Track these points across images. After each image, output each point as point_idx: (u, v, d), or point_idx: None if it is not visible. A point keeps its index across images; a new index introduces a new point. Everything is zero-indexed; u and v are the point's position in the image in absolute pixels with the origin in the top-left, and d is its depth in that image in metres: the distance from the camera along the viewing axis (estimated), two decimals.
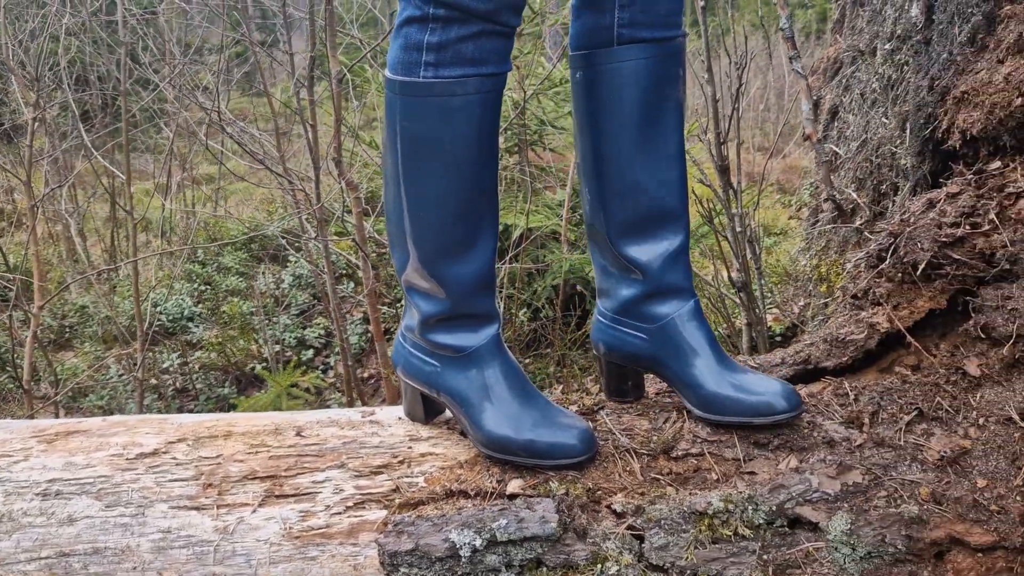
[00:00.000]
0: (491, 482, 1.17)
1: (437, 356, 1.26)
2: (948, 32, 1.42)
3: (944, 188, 1.30)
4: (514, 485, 1.17)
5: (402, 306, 3.91)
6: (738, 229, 1.80)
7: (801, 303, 2.68)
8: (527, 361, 3.85)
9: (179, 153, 5.21)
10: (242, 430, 1.31)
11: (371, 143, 4.10)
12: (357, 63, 2.76)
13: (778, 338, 2.81)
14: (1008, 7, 1.29)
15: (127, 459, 1.25)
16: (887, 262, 1.23)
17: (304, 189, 2.85)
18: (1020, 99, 1.22)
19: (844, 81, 2.61)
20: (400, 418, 1.33)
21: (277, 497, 1.20)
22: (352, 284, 3.85)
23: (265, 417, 1.35)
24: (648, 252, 1.22)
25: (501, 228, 3.72)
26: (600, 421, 1.28)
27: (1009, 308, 1.19)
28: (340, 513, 1.18)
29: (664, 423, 1.27)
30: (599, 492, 1.16)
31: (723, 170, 1.80)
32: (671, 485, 1.17)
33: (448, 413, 1.31)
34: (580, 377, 3.85)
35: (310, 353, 3.55)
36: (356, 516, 1.17)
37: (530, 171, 4.17)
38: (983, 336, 1.23)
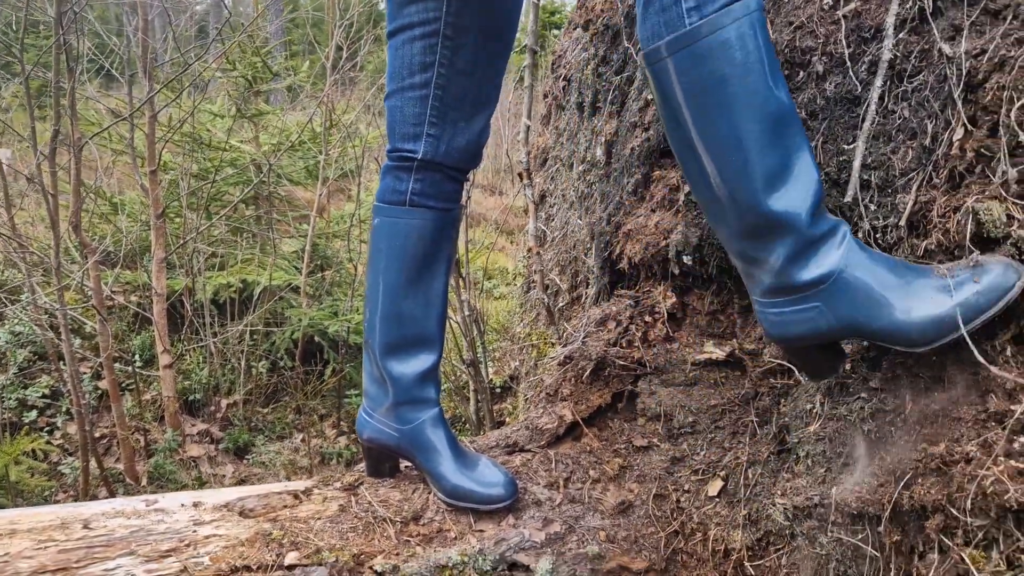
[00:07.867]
0: (271, 556, 1.40)
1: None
2: (620, 180, 1.89)
3: (613, 304, 1.76)
4: (291, 557, 1.41)
5: (139, 366, 3.83)
6: (467, 313, 2.17)
7: (516, 361, 3.14)
8: (266, 412, 3.97)
9: None
10: (27, 527, 1.41)
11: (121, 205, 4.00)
12: (103, 131, 2.78)
13: (498, 390, 3.24)
14: (658, 171, 1.78)
15: None
16: (568, 367, 1.65)
17: (34, 250, 2.78)
18: (664, 241, 1.69)
19: (551, 173, 3.10)
20: (183, 505, 1.51)
21: None
22: (79, 339, 3.73)
23: (49, 512, 1.46)
24: (405, 368, 1.52)
25: (241, 284, 3.83)
26: (361, 495, 1.56)
27: (656, 396, 1.66)
28: None
29: (413, 493, 1.57)
30: (363, 556, 1.44)
31: (455, 264, 2.15)
32: (420, 545, 1.47)
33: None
34: (319, 424, 4.06)
35: (33, 414, 3.40)
36: None
37: (270, 221, 4.31)
38: (643, 415, 1.69)
